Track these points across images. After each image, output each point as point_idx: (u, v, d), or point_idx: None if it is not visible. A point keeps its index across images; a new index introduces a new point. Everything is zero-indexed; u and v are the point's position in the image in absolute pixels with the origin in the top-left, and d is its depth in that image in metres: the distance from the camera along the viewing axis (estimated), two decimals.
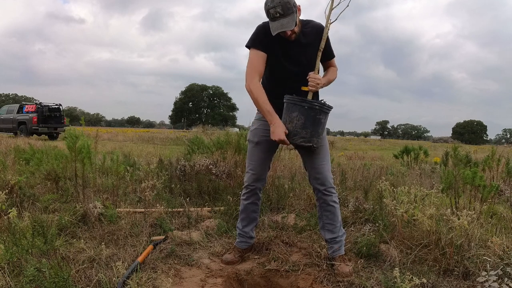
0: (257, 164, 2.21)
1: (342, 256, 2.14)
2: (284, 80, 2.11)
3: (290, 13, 1.88)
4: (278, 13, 1.87)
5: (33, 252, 2.03)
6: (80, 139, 2.68)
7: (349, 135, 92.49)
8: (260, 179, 2.26)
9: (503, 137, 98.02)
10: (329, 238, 2.19)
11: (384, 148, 21.49)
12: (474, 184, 2.65)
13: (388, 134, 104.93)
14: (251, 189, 2.26)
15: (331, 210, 2.16)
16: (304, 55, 2.06)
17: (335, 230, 2.17)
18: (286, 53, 2.06)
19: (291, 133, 1.94)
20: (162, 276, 1.97)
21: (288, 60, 2.07)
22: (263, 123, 2.17)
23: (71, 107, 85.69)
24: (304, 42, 2.06)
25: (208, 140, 5.13)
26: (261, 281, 2.16)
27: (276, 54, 2.06)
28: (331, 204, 2.15)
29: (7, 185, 3.02)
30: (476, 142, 69.37)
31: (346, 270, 2.02)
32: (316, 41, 2.04)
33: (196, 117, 71.51)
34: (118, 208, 2.99)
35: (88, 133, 8.21)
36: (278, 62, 2.08)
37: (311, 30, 2.07)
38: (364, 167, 5.75)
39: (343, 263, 2.08)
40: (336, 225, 2.17)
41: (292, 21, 1.88)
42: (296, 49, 2.05)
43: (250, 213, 2.33)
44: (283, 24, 1.89)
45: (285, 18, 1.89)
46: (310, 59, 2.05)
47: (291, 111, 1.94)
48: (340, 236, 2.18)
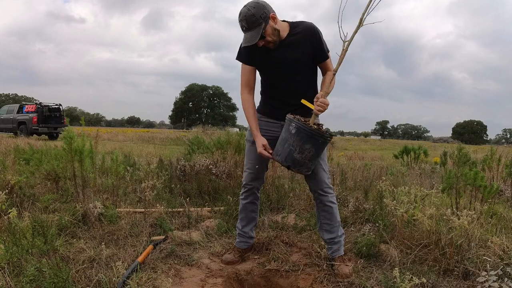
0: (255, 163, 2.22)
1: (342, 256, 2.14)
2: (274, 83, 2.11)
3: (254, 26, 1.89)
4: (244, 27, 1.91)
5: (33, 252, 2.03)
6: (78, 140, 2.68)
7: (349, 135, 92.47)
8: (258, 178, 2.26)
9: (503, 137, 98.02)
10: (327, 239, 2.19)
11: (384, 148, 21.50)
12: (475, 184, 2.65)
13: (388, 134, 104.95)
14: (249, 188, 2.28)
15: (328, 211, 2.16)
16: (287, 58, 2.02)
17: (333, 230, 2.17)
18: (270, 58, 2.04)
19: (298, 163, 1.89)
20: (162, 276, 1.97)
21: (273, 64, 2.05)
22: (260, 122, 2.16)
23: (71, 107, 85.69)
24: (288, 44, 2.02)
25: (208, 140, 5.14)
26: (261, 281, 2.16)
27: (261, 62, 2.07)
28: (327, 204, 2.15)
29: (7, 185, 3.03)
30: (476, 142, 69.34)
31: (346, 271, 2.02)
32: (304, 42, 2.00)
33: (196, 117, 71.55)
34: (118, 208, 2.99)
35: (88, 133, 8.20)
36: (264, 68, 2.10)
37: (300, 31, 2.03)
38: (364, 167, 5.75)
39: (343, 264, 2.08)
40: (334, 225, 2.17)
41: (257, 35, 1.88)
42: (279, 53, 2.02)
43: (249, 212, 2.34)
44: (247, 38, 1.91)
45: (250, 31, 1.91)
46: (296, 60, 2.02)
47: (304, 141, 1.86)
48: (339, 236, 2.18)
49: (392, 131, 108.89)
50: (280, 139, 1.96)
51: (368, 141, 34.72)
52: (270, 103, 2.16)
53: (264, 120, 2.16)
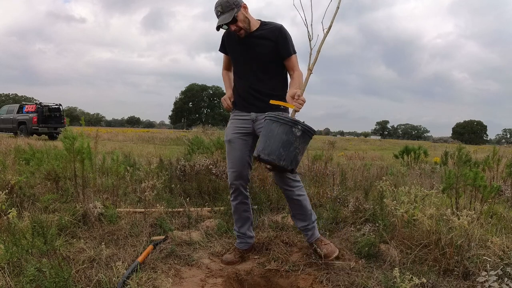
0: (235, 161, 2.29)
1: (319, 239, 2.27)
2: (241, 73, 2.32)
3: (228, 10, 2.12)
4: (219, 12, 2.13)
5: (33, 252, 2.03)
6: (80, 139, 2.68)
7: (349, 135, 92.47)
8: (241, 176, 2.30)
9: (503, 137, 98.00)
10: (301, 227, 2.29)
11: (384, 148, 21.50)
12: (475, 184, 2.65)
13: (388, 134, 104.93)
14: (235, 188, 2.31)
15: (298, 203, 2.24)
16: (254, 49, 2.23)
17: (306, 218, 2.27)
18: (238, 47, 2.28)
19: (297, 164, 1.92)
20: (162, 276, 1.97)
21: (240, 53, 2.28)
22: (232, 121, 2.35)
23: (71, 107, 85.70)
24: (256, 36, 2.22)
25: (208, 140, 5.14)
26: (261, 281, 2.16)
27: (231, 50, 2.35)
28: (295, 198, 2.22)
29: (7, 185, 3.02)
30: (476, 142, 69.34)
31: (329, 249, 2.19)
32: (270, 36, 2.20)
33: (196, 117, 71.52)
34: (118, 208, 2.99)
35: (88, 133, 8.21)
36: (233, 56, 2.35)
37: (268, 28, 2.23)
38: (364, 167, 5.75)
39: (322, 245, 2.22)
40: (306, 214, 2.26)
41: (229, 16, 2.10)
42: (246, 43, 2.24)
43: (242, 213, 2.37)
44: (222, 19, 2.13)
45: (224, 14, 2.12)
46: (261, 50, 2.21)
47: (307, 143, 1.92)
48: (312, 222, 2.28)
49: (392, 131, 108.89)
50: (280, 142, 1.84)
51: (368, 141, 34.73)
52: (239, 93, 2.33)
53: (237, 116, 2.34)
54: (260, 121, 2.21)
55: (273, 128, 1.84)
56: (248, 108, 2.28)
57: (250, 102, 2.27)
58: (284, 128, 1.83)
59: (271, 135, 1.84)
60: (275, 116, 1.87)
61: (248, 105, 2.28)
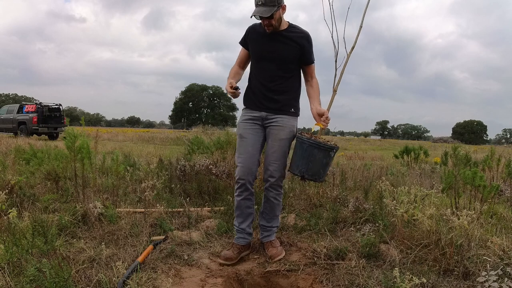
0: (245, 157, 2.30)
1: (271, 241, 2.39)
2: (259, 70, 2.34)
3: (270, 5, 2.13)
4: (261, 2, 2.14)
5: (33, 252, 2.03)
6: (79, 139, 2.68)
7: (349, 135, 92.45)
8: (250, 173, 2.30)
9: (503, 137, 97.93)
10: (262, 225, 2.43)
11: (384, 148, 21.51)
12: (474, 184, 2.65)
13: (388, 134, 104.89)
14: (242, 183, 2.30)
15: (271, 205, 2.37)
16: (277, 47, 2.27)
17: (270, 220, 2.41)
18: (262, 43, 2.30)
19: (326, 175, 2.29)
20: (162, 276, 1.97)
21: (263, 49, 2.30)
22: (244, 117, 2.37)
23: (71, 107, 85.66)
24: (282, 36, 2.27)
25: (208, 140, 5.13)
26: (261, 281, 2.16)
27: (254, 45, 2.35)
28: (271, 198, 2.35)
29: (7, 185, 3.03)
30: (476, 142, 69.29)
31: (274, 252, 2.29)
32: (296, 40, 2.26)
33: (196, 117, 71.46)
34: (118, 208, 2.99)
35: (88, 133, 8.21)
36: (255, 51, 2.34)
37: (296, 31, 2.29)
38: (364, 167, 5.75)
39: (271, 247, 2.34)
40: (272, 217, 2.41)
41: (269, 12, 2.11)
42: (271, 41, 2.28)
43: (244, 209, 2.36)
44: (260, 10, 2.14)
45: (264, 7, 2.13)
46: (283, 51, 2.26)
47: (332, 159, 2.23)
48: (274, 226, 2.43)
49: (392, 131, 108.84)
50: (321, 164, 2.17)
51: (368, 141, 34.72)
52: (254, 92, 2.35)
53: (245, 114, 2.36)
54: (269, 120, 2.30)
55: (315, 154, 2.15)
56: (260, 107, 2.33)
57: (263, 103, 2.32)
58: (324, 153, 2.16)
59: (313, 159, 2.16)
60: (316, 143, 2.14)
61: (260, 105, 2.33)
